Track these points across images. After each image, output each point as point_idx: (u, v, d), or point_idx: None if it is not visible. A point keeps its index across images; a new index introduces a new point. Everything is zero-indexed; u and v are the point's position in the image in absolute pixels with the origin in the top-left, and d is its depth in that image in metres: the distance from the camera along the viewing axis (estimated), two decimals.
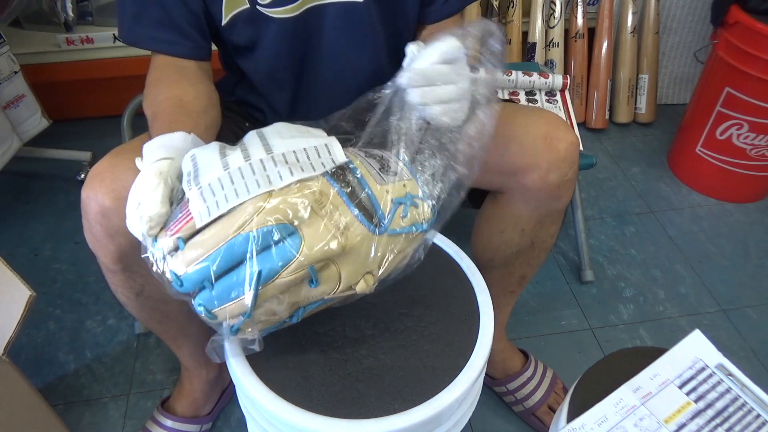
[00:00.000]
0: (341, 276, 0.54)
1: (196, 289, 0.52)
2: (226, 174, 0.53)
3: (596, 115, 1.83)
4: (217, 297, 0.52)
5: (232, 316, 0.53)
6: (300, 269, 0.51)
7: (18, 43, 1.53)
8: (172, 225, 0.52)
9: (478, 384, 0.68)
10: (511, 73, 1.33)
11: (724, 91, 1.48)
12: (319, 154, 0.56)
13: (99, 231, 0.69)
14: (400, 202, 0.56)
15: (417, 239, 0.59)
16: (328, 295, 0.55)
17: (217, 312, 0.53)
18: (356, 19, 0.82)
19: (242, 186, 0.52)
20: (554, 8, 1.75)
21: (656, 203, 1.62)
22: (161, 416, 1.05)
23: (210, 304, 0.52)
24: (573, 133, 0.78)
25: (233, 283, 0.51)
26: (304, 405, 0.59)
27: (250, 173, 0.53)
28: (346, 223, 0.53)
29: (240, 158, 0.55)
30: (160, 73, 0.79)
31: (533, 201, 0.81)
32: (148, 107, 0.74)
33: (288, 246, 0.51)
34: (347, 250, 0.53)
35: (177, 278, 0.52)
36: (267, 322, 0.55)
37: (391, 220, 0.55)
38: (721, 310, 1.34)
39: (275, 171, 0.53)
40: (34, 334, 1.24)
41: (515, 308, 1.07)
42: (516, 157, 0.77)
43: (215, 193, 0.52)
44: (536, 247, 0.89)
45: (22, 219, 1.52)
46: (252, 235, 0.50)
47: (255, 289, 0.51)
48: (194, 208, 0.52)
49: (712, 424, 0.61)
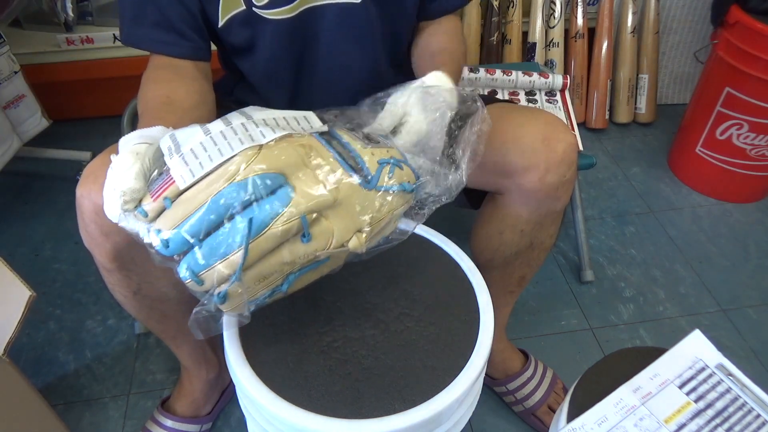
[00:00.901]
0: (334, 232, 0.53)
1: (182, 251, 0.50)
2: (207, 138, 0.52)
3: (596, 115, 1.83)
4: (205, 255, 0.49)
5: (220, 279, 0.50)
6: (292, 219, 0.49)
7: (18, 43, 1.53)
8: (156, 188, 0.50)
9: (478, 384, 0.68)
10: (511, 73, 1.33)
11: (724, 91, 1.48)
12: (298, 122, 0.57)
13: (94, 229, 0.69)
14: (385, 162, 0.56)
15: (405, 199, 0.58)
16: (320, 252, 0.53)
17: (205, 275, 0.50)
18: (354, 19, 0.82)
19: (225, 145, 0.50)
20: (554, 8, 1.75)
21: (656, 203, 1.62)
22: (161, 416, 1.05)
23: (197, 266, 0.49)
24: (571, 134, 0.78)
25: (222, 237, 0.49)
26: (304, 405, 0.59)
27: (232, 134, 0.52)
28: (337, 176, 0.53)
29: (220, 124, 0.54)
30: (154, 72, 0.79)
31: (532, 202, 0.81)
32: (138, 105, 0.75)
33: (279, 195, 0.50)
34: (338, 202, 0.52)
35: (163, 240, 0.49)
36: (256, 288, 0.53)
37: (378, 178, 0.55)
38: (721, 310, 1.34)
39: (257, 131, 0.52)
40: (34, 334, 1.24)
41: (515, 308, 1.07)
42: (514, 158, 0.77)
43: (198, 156, 0.50)
44: (535, 247, 0.89)
45: (22, 219, 1.52)
46: (241, 185, 0.49)
47: (246, 240, 0.48)
48: (176, 172, 0.50)
49: (712, 424, 0.61)
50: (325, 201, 0.51)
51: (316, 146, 0.54)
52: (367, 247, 0.56)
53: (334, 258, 0.56)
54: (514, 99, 1.33)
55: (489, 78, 1.33)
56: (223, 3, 0.79)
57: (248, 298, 0.53)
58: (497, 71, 1.33)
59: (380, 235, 0.58)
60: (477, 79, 1.33)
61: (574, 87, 1.81)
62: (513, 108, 0.84)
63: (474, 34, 1.76)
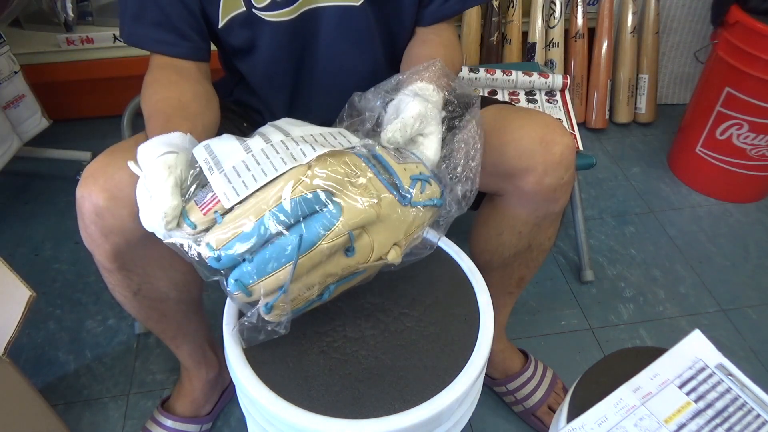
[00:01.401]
0: (374, 245, 0.55)
1: (232, 266, 0.52)
2: (249, 156, 0.54)
3: (596, 115, 1.83)
4: (256, 270, 0.51)
5: (267, 291, 0.52)
6: (340, 236, 0.52)
7: (18, 43, 1.53)
8: (205, 201, 0.53)
9: (478, 384, 0.68)
10: (511, 73, 1.33)
11: (724, 91, 1.48)
12: (334, 136, 0.59)
13: (94, 230, 0.69)
14: (417, 179, 0.59)
15: (433, 213, 0.61)
16: (361, 265, 0.56)
17: (254, 287, 0.52)
18: (353, 22, 0.82)
19: (268, 165, 0.52)
20: (554, 8, 1.75)
21: (656, 203, 1.62)
22: (161, 416, 1.05)
23: (246, 278, 0.51)
24: (569, 136, 0.77)
25: (273, 253, 0.51)
26: (304, 405, 0.59)
27: (273, 153, 0.54)
28: (378, 194, 0.55)
29: (261, 141, 0.55)
30: (158, 73, 0.79)
31: (530, 204, 0.81)
32: (145, 107, 0.74)
33: (328, 213, 0.52)
34: (381, 218, 0.55)
35: (214, 252, 0.51)
36: (300, 299, 0.55)
37: (413, 194, 0.58)
38: (721, 310, 1.34)
39: (298, 149, 0.54)
40: (34, 334, 1.24)
41: (515, 308, 1.07)
42: (512, 160, 0.77)
43: (241, 174, 0.52)
44: (534, 249, 0.89)
45: (22, 219, 1.52)
46: (291, 204, 0.51)
47: (296, 256, 0.50)
48: (219, 190, 0.52)
49: (712, 424, 0.61)
50: (370, 217, 0.54)
51: (358, 164, 0.56)
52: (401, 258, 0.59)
53: (370, 269, 0.58)
54: (514, 99, 1.33)
55: (489, 78, 1.33)
56: (224, 4, 0.79)
57: (291, 308, 0.55)
58: (497, 71, 1.33)
59: (410, 247, 0.61)
60: (477, 79, 1.33)
61: (574, 87, 1.81)
62: (511, 109, 0.84)
63: (474, 34, 1.76)
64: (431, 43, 0.86)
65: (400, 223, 0.57)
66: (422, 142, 0.65)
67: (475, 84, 1.34)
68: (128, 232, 0.69)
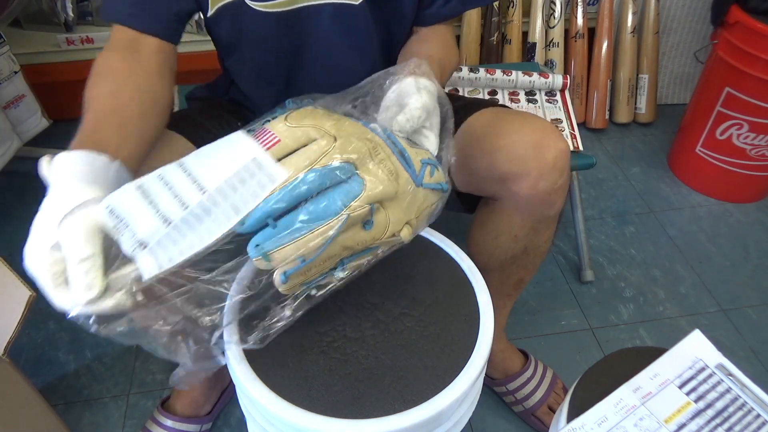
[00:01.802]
0: (389, 221, 0.56)
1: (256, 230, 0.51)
2: (165, 225, 0.51)
3: (596, 115, 1.83)
4: (279, 235, 0.51)
5: (288, 258, 0.51)
6: (363, 207, 0.53)
7: (18, 43, 1.53)
8: None
9: (478, 384, 0.68)
10: (511, 73, 1.33)
11: (724, 91, 1.48)
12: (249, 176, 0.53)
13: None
14: (427, 163, 0.61)
15: (439, 198, 0.62)
16: (377, 240, 0.56)
17: (275, 253, 0.51)
18: (351, 20, 0.81)
19: (191, 236, 0.51)
20: (554, 8, 1.75)
21: (656, 203, 1.62)
22: (161, 416, 1.05)
23: (269, 244, 0.51)
24: (563, 140, 0.77)
25: (298, 220, 0.51)
26: (304, 405, 0.59)
27: (193, 220, 0.51)
28: (396, 171, 0.56)
29: (172, 201, 0.52)
30: (110, 55, 0.73)
31: (525, 208, 0.81)
32: (85, 93, 0.68)
33: (352, 184, 0.53)
34: (398, 194, 0.56)
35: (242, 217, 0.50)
36: (317, 271, 0.54)
37: (423, 176, 0.59)
38: (721, 310, 1.34)
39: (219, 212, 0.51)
40: (35, 334, 1.24)
41: (515, 308, 1.07)
42: (506, 165, 0.77)
43: (164, 248, 0.51)
44: (530, 252, 0.89)
45: (22, 219, 1.51)
46: (319, 172, 0.51)
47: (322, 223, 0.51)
48: (143, 266, 0.50)
49: (712, 424, 0.61)
50: (390, 192, 0.55)
51: (379, 141, 0.58)
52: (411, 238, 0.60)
53: (382, 246, 0.58)
54: (514, 99, 1.33)
55: (489, 78, 1.33)
56: None
57: (306, 279, 0.55)
58: (497, 71, 1.33)
59: (419, 230, 0.62)
60: (477, 79, 1.33)
61: (574, 87, 1.81)
62: (505, 113, 0.84)
63: (474, 34, 1.76)
64: (429, 41, 0.86)
65: (413, 202, 0.58)
66: (424, 133, 0.66)
67: (475, 84, 1.34)
68: None
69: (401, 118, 0.63)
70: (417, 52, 0.83)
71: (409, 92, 0.65)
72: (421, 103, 0.64)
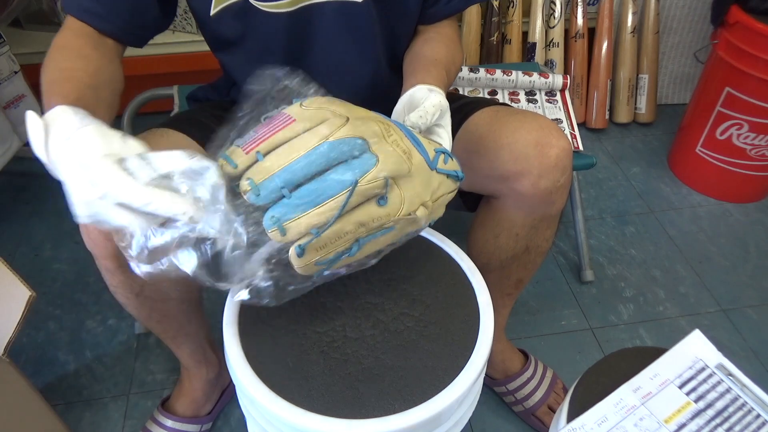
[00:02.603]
0: (404, 199, 0.56)
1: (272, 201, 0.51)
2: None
3: (596, 115, 1.83)
4: (294, 206, 0.51)
5: (304, 230, 0.51)
6: (375, 180, 0.53)
7: (18, 43, 1.53)
8: (248, 144, 0.53)
9: (478, 384, 0.68)
10: (511, 73, 1.33)
11: (724, 91, 1.48)
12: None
13: (93, 231, 0.69)
14: (441, 151, 0.61)
15: (453, 187, 0.63)
16: (392, 217, 0.56)
17: (290, 224, 0.51)
18: (354, 19, 0.81)
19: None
20: (554, 8, 1.75)
21: (656, 203, 1.62)
22: (161, 416, 1.05)
23: (285, 215, 0.51)
24: (565, 138, 0.77)
25: (313, 190, 0.51)
26: (304, 405, 0.59)
27: None
28: (409, 151, 0.57)
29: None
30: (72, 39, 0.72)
31: (526, 206, 0.81)
32: (48, 71, 0.65)
33: (366, 158, 0.53)
34: (411, 173, 0.56)
35: (255, 187, 0.51)
36: (331, 248, 0.54)
37: (437, 161, 0.60)
38: (721, 310, 1.34)
39: None
40: (35, 334, 1.24)
41: (515, 308, 1.07)
42: (507, 163, 0.77)
43: None
44: (531, 251, 0.89)
45: (22, 219, 1.52)
46: (335, 144, 0.52)
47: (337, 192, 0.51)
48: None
49: (712, 424, 0.61)
50: (403, 168, 0.55)
51: (392, 125, 0.58)
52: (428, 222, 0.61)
53: (398, 228, 0.58)
54: (514, 99, 1.33)
55: (489, 78, 1.33)
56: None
57: (321, 257, 0.54)
58: (497, 71, 1.33)
59: (434, 216, 0.62)
60: (477, 79, 1.33)
61: (574, 87, 1.81)
62: (507, 112, 0.84)
63: (474, 34, 1.76)
64: (433, 41, 0.86)
65: (427, 184, 0.58)
66: (437, 132, 0.67)
67: (475, 84, 1.34)
68: None
69: (414, 115, 0.64)
70: (422, 55, 0.83)
71: (422, 95, 0.67)
72: (437, 100, 0.66)
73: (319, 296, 0.70)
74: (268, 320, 0.67)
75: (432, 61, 0.79)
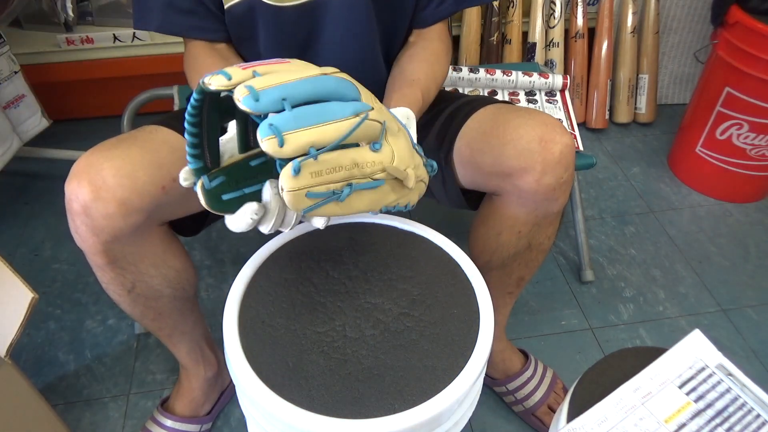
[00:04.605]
0: (395, 154, 0.56)
1: (271, 112, 0.49)
2: None
3: (596, 115, 1.83)
4: (296, 117, 0.48)
5: (304, 144, 0.48)
6: (377, 119, 0.53)
7: (18, 43, 1.53)
8: (249, 65, 0.51)
9: (478, 384, 0.68)
10: (511, 73, 1.33)
11: (724, 91, 1.48)
12: None
13: (83, 229, 0.70)
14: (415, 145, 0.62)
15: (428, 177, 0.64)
16: (385, 167, 0.55)
17: (290, 136, 0.48)
18: (357, 13, 0.83)
19: None
20: (554, 8, 1.75)
21: (656, 203, 1.62)
22: (161, 416, 1.05)
23: (284, 125, 0.48)
24: (568, 135, 0.77)
25: (316, 109, 0.49)
26: (304, 405, 0.59)
27: None
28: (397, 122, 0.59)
29: None
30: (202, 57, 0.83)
31: (529, 203, 0.81)
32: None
33: (364, 103, 0.53)
34: (400, 134, 0.58)
35: (254, 92, 0.47)
36: (323, 181, 0.52)
37: (418, 146, 0.62)
38: (721, 310, 1.34)
39: None
40: (35, 334, 1.24)
41: (515, 308, 1.07)
42: (510, 159, 0.77)
43: None
44: (533, 249, 0.89)
45: (22, 219, 1.52)
46: (335, 78, 0.52)
47: (343, 116, 0.51)
48: None
49: (712, 424, 0.61)
50: (394, 126, 0.57)
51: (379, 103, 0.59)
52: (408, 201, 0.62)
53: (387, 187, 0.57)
54: (514, 99, 1.33)
55: (489, 78, 1.33)
56: None
57: (314, 185, 0.51)
58: (497, 71, 1.33)
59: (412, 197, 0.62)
60: (477, 79, 1.33)
61: (574, 87, 1.81)
62: (510, 108, 0.84)
63: (474, 34, 1.76)
64: (417, 58, 0.88)
65: (412, 155, 0.59)
66: None
67: (475, 84, 1.34)
68: (116, 228, 0.69)
69: None
70: (403, 75, 0.85)
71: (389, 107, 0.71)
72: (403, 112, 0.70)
73: (319, 296, 0.70)
74: (268, 320, 0.67)
75: (409, 83, 0.81)
